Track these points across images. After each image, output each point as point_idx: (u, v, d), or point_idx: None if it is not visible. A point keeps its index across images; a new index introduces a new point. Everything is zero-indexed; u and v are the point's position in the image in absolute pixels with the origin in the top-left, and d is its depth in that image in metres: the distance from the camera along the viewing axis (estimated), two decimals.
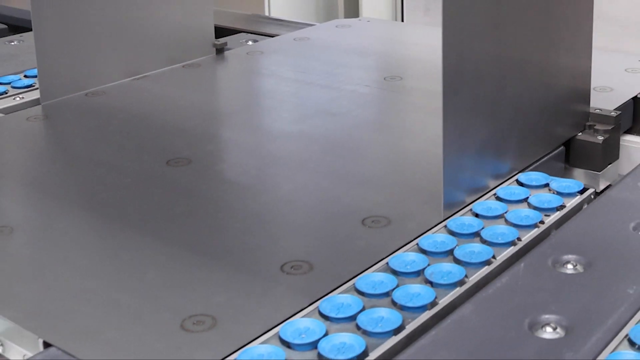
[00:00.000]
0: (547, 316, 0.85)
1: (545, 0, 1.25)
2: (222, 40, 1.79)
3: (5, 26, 2.03)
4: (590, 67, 1.36)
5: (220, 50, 1.76)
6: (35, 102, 1.52)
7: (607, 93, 1.42)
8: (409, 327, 0.82)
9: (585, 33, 1.34)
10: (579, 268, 0.95)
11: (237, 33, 1.94)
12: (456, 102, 1.07)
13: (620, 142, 1.46)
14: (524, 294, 0.90)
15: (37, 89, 1.57)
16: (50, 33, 1.47)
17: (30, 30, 1.87)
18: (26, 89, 1.58)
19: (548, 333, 0.83)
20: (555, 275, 0.94)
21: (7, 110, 1.48)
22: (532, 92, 1.24)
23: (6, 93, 1.55)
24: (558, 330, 0.83)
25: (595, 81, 1.39)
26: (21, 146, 1.36)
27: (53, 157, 1.30)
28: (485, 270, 0.94)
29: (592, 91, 1.38)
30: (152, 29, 1.64)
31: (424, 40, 1.93)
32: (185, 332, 0.83)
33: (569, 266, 0.95)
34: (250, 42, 1.88)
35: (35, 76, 1.61)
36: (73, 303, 0.89)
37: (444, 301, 0.87)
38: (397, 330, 0.81)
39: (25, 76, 1.63)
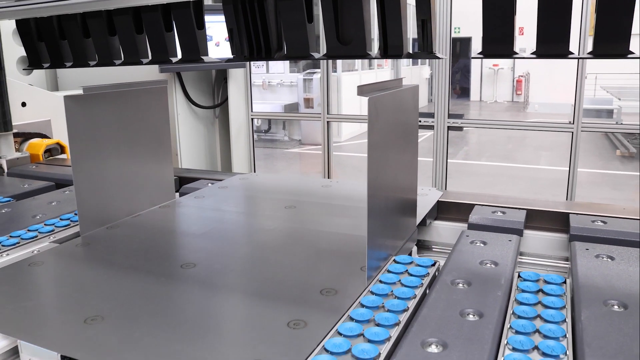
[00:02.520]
0: (466, 309, 0.93)
1: (403, 148, 1.27)
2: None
3: (54, 183, 1.96)
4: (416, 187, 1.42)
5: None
6: (74, 235, 1.43)
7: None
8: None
9: (413, 167, 1.37)
10: (466, 286, 1.02)
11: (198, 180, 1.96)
12: (373, 219, 1.09)
13: (432, 224, 1.54)
14: (448, 299, 0.97)
15: (72, 227, 1.50)
16: (85, 191, 1.42)
17: (70, 185, 1.89)
18: (65, 227, 1.49)
19: (471, 317, 0.91)
20: (456, 289, 1.01)
21: (59, 241, 1.39)
22: (397, 203, 1.26)
23: (53, 231, 1.46)
24: (475, 316, 0.91)
25: None
26: (82, 263, 1.26)
27: (105, 267, 1.21)
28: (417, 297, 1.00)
29: None
30: (140, 186, 1.63)
31: (294, 184, 1.96)
32: (292, 329, 0.87)
33: (460, 285, 1.03)
34: (209, 184, 1.91)
35: (68, 219, 1.55)
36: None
37: (404, 316, 0.92)
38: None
39: (60, 219, 1.54)
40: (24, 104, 2.60)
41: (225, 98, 4.41)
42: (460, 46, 16.89)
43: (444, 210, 1.59)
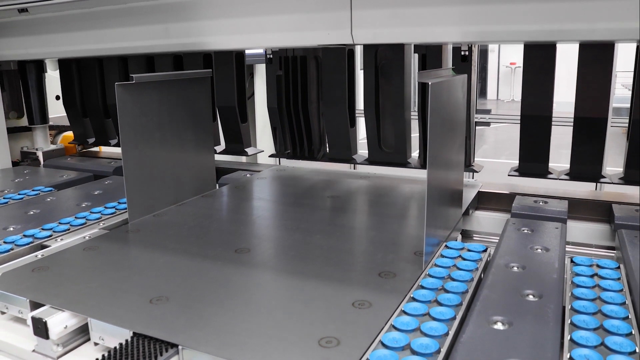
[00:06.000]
0: (526, 290, 0.95)
1: (453, 138, 1.29)
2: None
3: (92, 174, 2.06)
4: (462, 179, 1.46)
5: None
6: (122, 222, 1.47)
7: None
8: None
9: (460, 158, 1.39)
10: (521, 269, 1.05)
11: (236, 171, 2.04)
12: (431, 206, 1.10)
13: (473, 214, 1.58)
14: (505, 281, 1.00)
15: (118, 214, 1.53)
16: (134, 179, 1.46)
17: (106, 176, 2.03)
18: (111, 215, 1.52)
19: (531, 298, 0.93)
20: (511, 272, 1.04)
21: (109, 228, 1.43)
22: (448, 193, 1.28)
23: (101, 218, 1.49)
24: (535, 297, 0.93)
25: None
26: (136, 248, 1.29)
27: (160, 252, 1.23)
28: (475, 280, 1.02)
29: None
30: (185, 175, 1.65)
31: (333, 175, 1.97)
32: (324, 348, 0.80)
33: (515, 269, 1.06)
34: (248, 175, 1.96)
35: (113, 207, 1.58)
36: (244, 337, 0.84)
37: (465, 297, 0.94)
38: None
39: (106, 207, 1.58)
40: (57, 97, 2.65)
41: (252, 93, 4.43)
42: None
43: (483, 200, 1.63)
